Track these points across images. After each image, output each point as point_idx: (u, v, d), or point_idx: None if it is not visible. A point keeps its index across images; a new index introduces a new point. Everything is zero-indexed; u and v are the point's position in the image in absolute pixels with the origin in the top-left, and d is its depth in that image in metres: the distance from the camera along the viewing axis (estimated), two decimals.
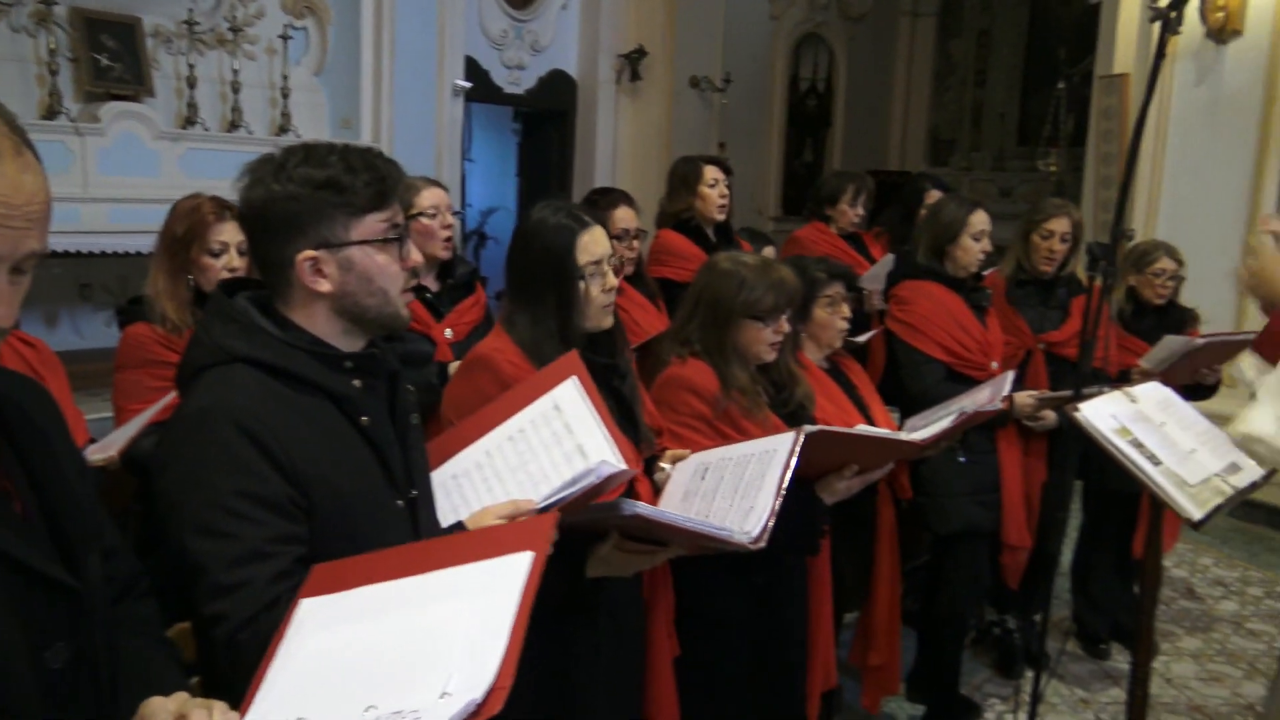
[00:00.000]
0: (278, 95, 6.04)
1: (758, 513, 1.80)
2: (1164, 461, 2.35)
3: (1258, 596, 4.53)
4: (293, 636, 1.21)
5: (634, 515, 1.60)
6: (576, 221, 1.99)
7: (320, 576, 1.28)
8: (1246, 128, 5.74)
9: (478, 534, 1.40)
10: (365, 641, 1.17)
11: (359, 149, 1.47)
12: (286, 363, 1.41)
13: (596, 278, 1.98)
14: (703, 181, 3.72)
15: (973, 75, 11.61)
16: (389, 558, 1.28)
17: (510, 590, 1.15)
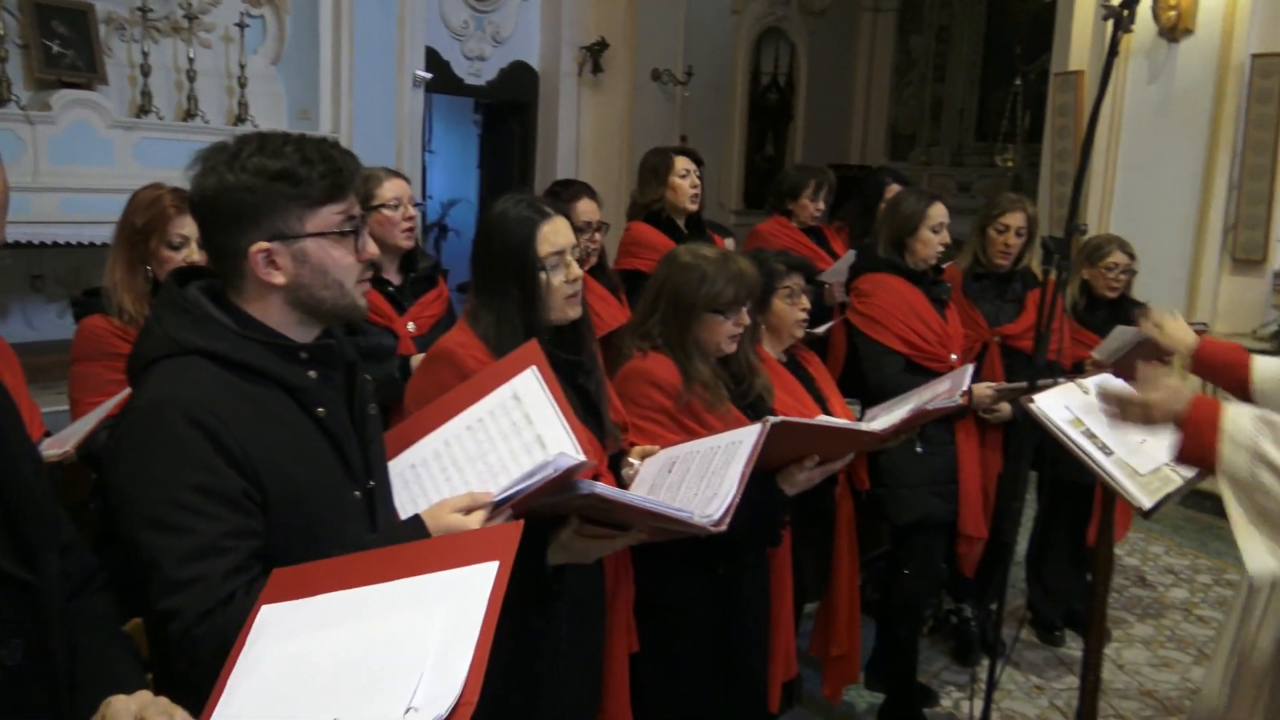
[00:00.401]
0: (234, 84, 5.95)
1: (720, 498, 1.81)
2: (1115, 452, 2.39)
3: (1207, 584, 4.64)
4: (254, 644, 1.19)
5: (591, 494, 1.60)
6: (538, 213, 1.98)
7: (281, 582, 1.26)
8: (1197, 124, 5.86)
9: (443, 541, 1.39)
10: (328, 651, 1.16)
11: (314, 139, 1.45)
12: (240, 354, 1.39)
13: (559, 269, 1.97)
14: (674, 172, 3.72)
15: (932, 71, 11.71)
16: (352, 564, 1.27)
17: (476, 601, 1.14)
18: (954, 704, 3.50)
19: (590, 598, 2.05)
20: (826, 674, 3.02)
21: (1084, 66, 6.45)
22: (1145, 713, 3.49)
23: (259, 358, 1.40)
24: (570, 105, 8.76)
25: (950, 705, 3.49)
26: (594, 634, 2.10)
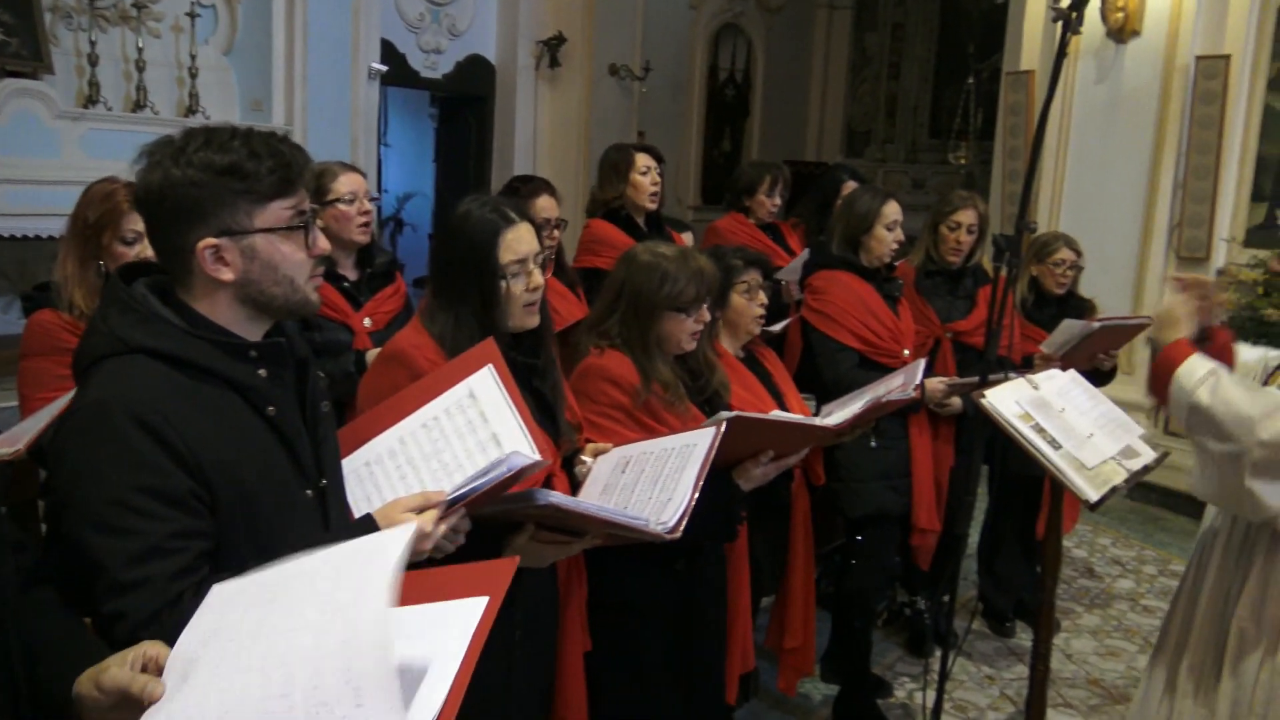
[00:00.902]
0: (185, 75, 5.85)
1: (675, 504, 1.82)
2: (1064, 446, 2.44)
3: (1152, 574, 4.74)
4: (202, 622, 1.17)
5: (548, 505, 1.60)
6: (502, 218, 1.95)
7: None
8: (1144, 124, 5.98)
9: (437, 573, 1.38)
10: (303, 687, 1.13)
11: (262, 133, 1.43)
12: (188, 353, 1.37)
13: (520, 277, 1.95)
14: (635, 169, 3.72)
15: (887, 68, 11.83)
16: None
17: (460, 636, 1.13)
18: (908, 695, 3.55)
19: (542, 599, 2.04)
20: (782, 667, 3.05)
21: (1035, 66, 6.55)
22: (1092, 700, 3.56)
23: (207, 356, 1.38)
24: (527, 100, 8.73)
25: (904, 696, 3.54)
26: (546, 635, 2.10)
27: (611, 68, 9.04)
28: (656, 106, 9.60)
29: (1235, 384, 1.95)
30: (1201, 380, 1.96)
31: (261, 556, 1.31)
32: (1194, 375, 1.97)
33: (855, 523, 3.25)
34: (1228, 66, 5.62)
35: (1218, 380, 1.95)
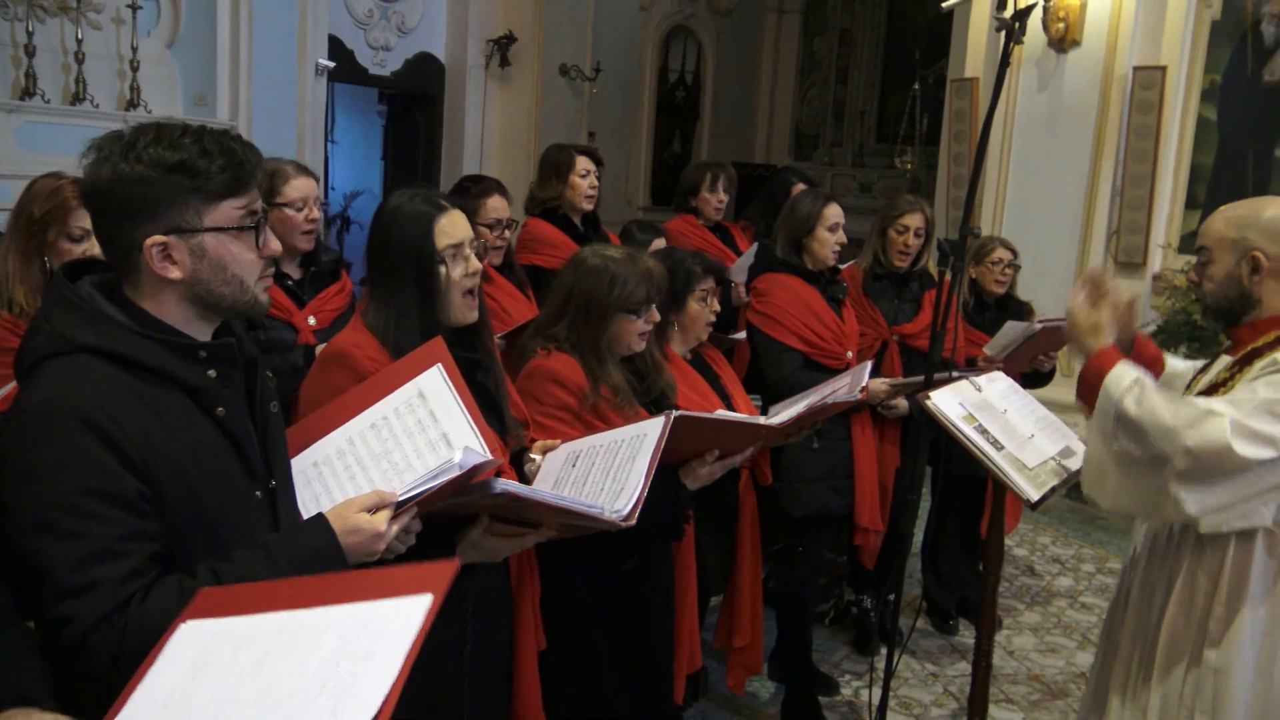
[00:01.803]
0: (126, 68, 5.73)
1: (628, 492, 1.83)
2: (1006, 446, 2.50)
3: (1090, 572, 4.86)
4: (168, 660, 1.16)
5: (504, 493, 1.60)
6: (434, 206, 1.96)
7: (208, 600, 1.23)
8: (1083, 132, 6.12)
9: (379, 572, 1.37)
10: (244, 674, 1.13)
11: (215, 131, 1.41)
12: (135, 353, 1.35)
13: (458, 261, 1.95)
14: (574, 171, 3.73)
15: (835, 73, 11.96)
16: (283, 589, 1.24)
17: (403, 635, 1.12)
18: (854, 692, 3.59)
19: (494, 597, 2.04)
20: (730, 665, 3.07)
21: (979, 73, 6.67)
22: (1033, 696, 3.64)
23: (155, 356, 1.36)
24: (477, 99, 8.68)
25: (850, 694, 3.59)
26: (499, 633, 2.10)
27: (562, 68, 9.03)
28: (607, 107, 9.61)
29: (1159, 393, 1.99)
30: (1128, 389, 1.99)
31: (211, 557, 1.31)
32: (1121, 384, 2.00)
33: (797, 523, 3.28)
34: (1164, 77, 5.78)
35: (1143, 389, 1.98)
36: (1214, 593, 2.02)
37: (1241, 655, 1.98)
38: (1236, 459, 1.87)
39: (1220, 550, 2.01)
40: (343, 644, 1.14)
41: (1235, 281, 2.06)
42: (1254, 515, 1.93)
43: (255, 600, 1.22)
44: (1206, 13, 5.78)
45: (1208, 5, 5.77)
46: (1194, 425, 1.90)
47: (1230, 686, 1.99)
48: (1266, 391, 1.92)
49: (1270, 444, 1.86)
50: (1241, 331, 2.10)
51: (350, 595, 1.21)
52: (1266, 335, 2.04)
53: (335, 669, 1.11)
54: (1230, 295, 2.08)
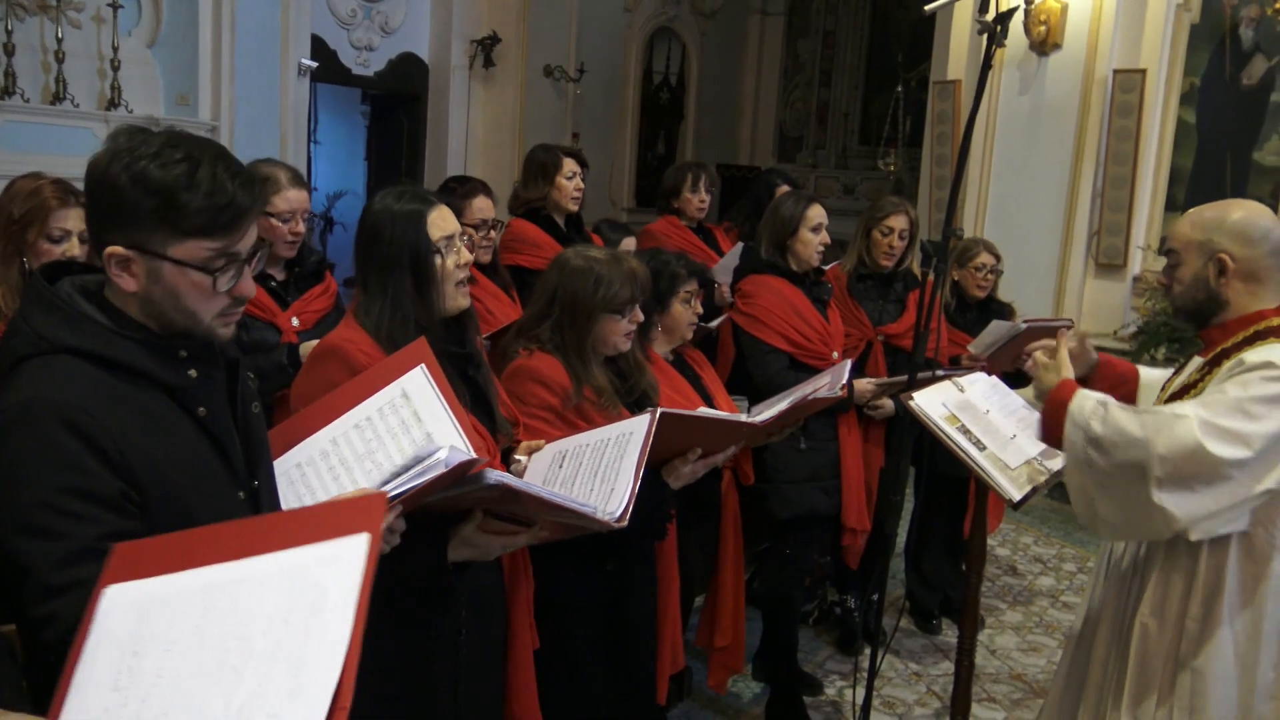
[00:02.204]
0: (107, 67, 5.69)
1: (619, 493, 1.83)
2: (988, 447, 2.51)
3: (1072, 572, 4.89)
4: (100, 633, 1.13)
5: (498, 485, 1.59)
6: (423, 201, 2.00)
7: (125, 558, 1.18)
8: (1064, 134, 6.17)
9: (305, 512, 1.35)
10: (184, 643, 1.10)
11: (221, 162, 1.35)
12: (115, 353, 1.34)
13: (450, 252, 1.98)
14: (561, 172, 3.73)
15: (818, 75, 12.00)
16: (205, 537, 1.19)
17: (348, 583, 1.09)
18: (838, 692, 3.61)
19: (488, 596, 2.04)
20: (713, 665, 3.08)
21: (961, 76, 6.71)
22: (1015, 695, 3.66)
23: (135, 357, 1.35)
24: (460, 99, 8.67)
25: (834, 693, 3.60)
26: (493, 633, 2.10)
27: (546, 69, 9.02)
28: (591, 108, 9.61)
29: (1123, 409, 2.02)
30: (1092, 412, 2.02)
31: None
32: (1084, 409, 2.04)
33: (784, 524, 3.29)
34: (1144, 80, 5.83)
35: (1106, 409, 2.02)
36: (1190, 594, 2.04)
37: (1220, 656, 2.00)
38: (1210, 458, 1.88)
39: (1194, 552, 2.03)
40: (286, 598, 1.10)
41: (1203, 283, 2.09)
42: (1240, 521, 1.96)
43: (175, 554, 1.18)
44: (1185, 17, 5.83)
45: (1186, 9, 5.82)
46: (1162, 431, 1.92)
47: (1208, 687, 2.01)
48: (1235, 390, 1.94)
49: (1242, 443, 1.89)
50: (1212, 333, 2.13)
51: (276, 542, 1.16)
52: (1235, 336, 2.06)
53: (286, 626, 1.07)
54: (1198, 297, 2.11)
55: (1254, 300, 2.06)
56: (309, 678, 1.03)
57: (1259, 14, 5.58)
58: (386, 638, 1.81)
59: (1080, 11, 6.02)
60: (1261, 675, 2.00)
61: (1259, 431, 1.89)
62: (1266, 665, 2.00)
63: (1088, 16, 5.99)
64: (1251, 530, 1.98)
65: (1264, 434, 1.88)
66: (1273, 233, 2.04)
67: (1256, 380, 1.93)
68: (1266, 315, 2.04)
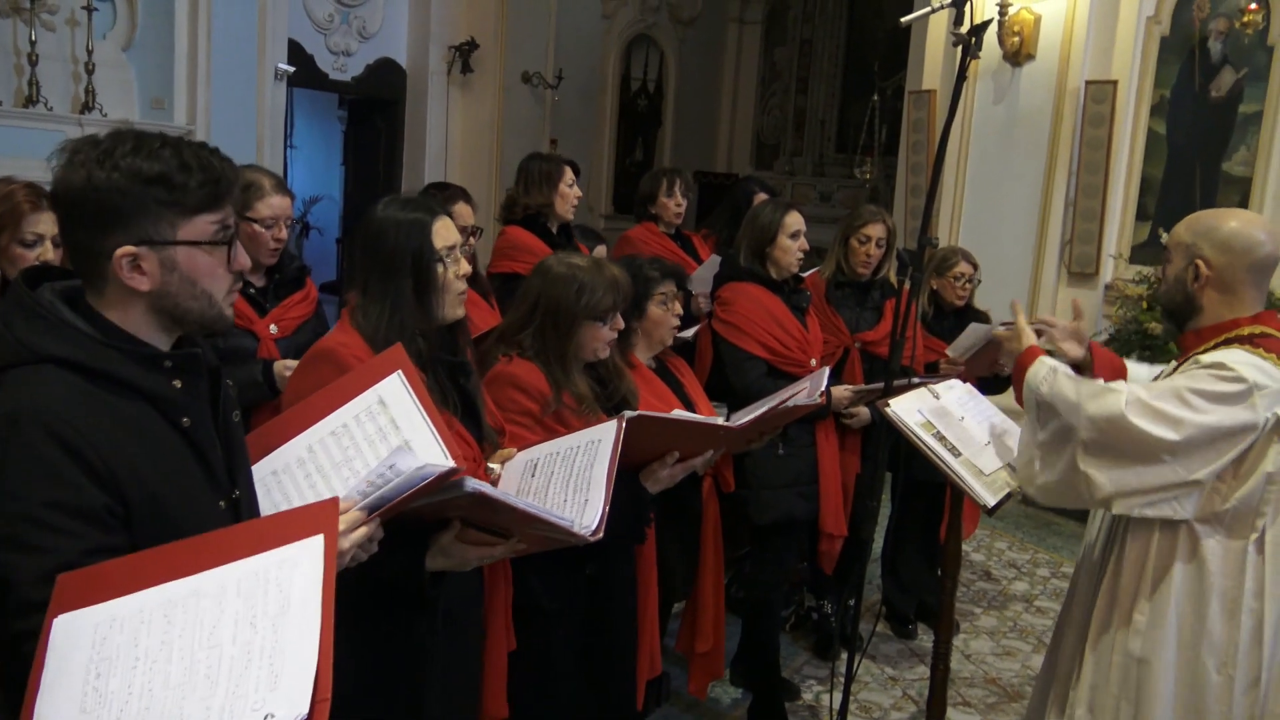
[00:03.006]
0: (81, 70, 5.66)
1: (593, 505, 1.84)
2: (963, 453, 2.54)
3: (1045, 577, 4.94)
4: (57, 666, 1.12)
5: (475, 493, 1.60)
6: (428, 211, 2.01)
7: (71, 588, 1.17)
8: (1038, 143, 6.24)
9: (258, 523, 1.35)
10: (153, 657, 1.10)
11: (193, 144, 1.40)
12: (100, 363, 1.33)
13: (451, 262, 1.99)
14: (564, 180, 3.75)
15: (795, 83, 12.08)
16: (151, 559, 1.20)
17: (309, 583, 1.10)
18: (815, 697, 3.62)
19: (466, 600, 2.04)
20: (693, 670, 3.09)
21: (936, 86, 6.78)
22: (990, 699, 3.70)
23: (120, 366, 1.34)
24: (439, 105, 8.66)
25: (811, 698, 3.62)
26: (470, 637, 2.10)
27: (524, 75, 9.03)
28: (569, 115, 9.63)
29: (1069, 378, 2.19)
30: (1044, 377, 2.20)
31: None
32: (1038, 374, 2.22)
33: (763, 529, 3.31)
34: (1115, 91, 5.91)
35: (1055, 375, 2.20)
36: (1139, 586, 2.10)
37: (1164, 646, 2.06)
38: (1131, 428, 1.99)
39: (1144, 544, 2.10)
40: (248, 604, 1.11)
41: (1181, 285, 2.14)
42: (1167, 507, 2.03)
43: (123, 578, 1.18)
44: (1155, 29, 5.92)
45: (1157, 22, 5.91)
46: (1094, 398, 2.07)
47: (1153, 676, 2.06)
48: (1179, 380, 2.04)
49: (1169, 424, 1.97)
50: (1188, 338, 2.18)
51: (231, 554, 1.17)
52: (1207, 343, 2.11)
53: (253, 630, 1.08)
54: (1176, 298, 2.16)
55: (1228, 310, 2.10)
56: (287, 670, 1.04)
57: (1227, 27, 5.68)
58: (363, 640, 1.80)
59: (1053, 23, 6.10)
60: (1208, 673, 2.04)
61: (1192, 420, 1.96)
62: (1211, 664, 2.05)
63: (1060, 28, 6.07)
64: (1194, 525, 2.04)
65: (1196, 423, 1.96)
66: (1259, 249, 2.07)
67: (1204, 375, 1.99)
68: (1240, 324, 2.09)
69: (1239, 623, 2.03)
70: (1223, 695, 2.04)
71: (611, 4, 10.31)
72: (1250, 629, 2.03)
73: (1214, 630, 2.03)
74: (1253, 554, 2.03)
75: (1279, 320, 2.13)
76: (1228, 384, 1.97)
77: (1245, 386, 1.96)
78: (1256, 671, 2.04)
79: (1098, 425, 2.04)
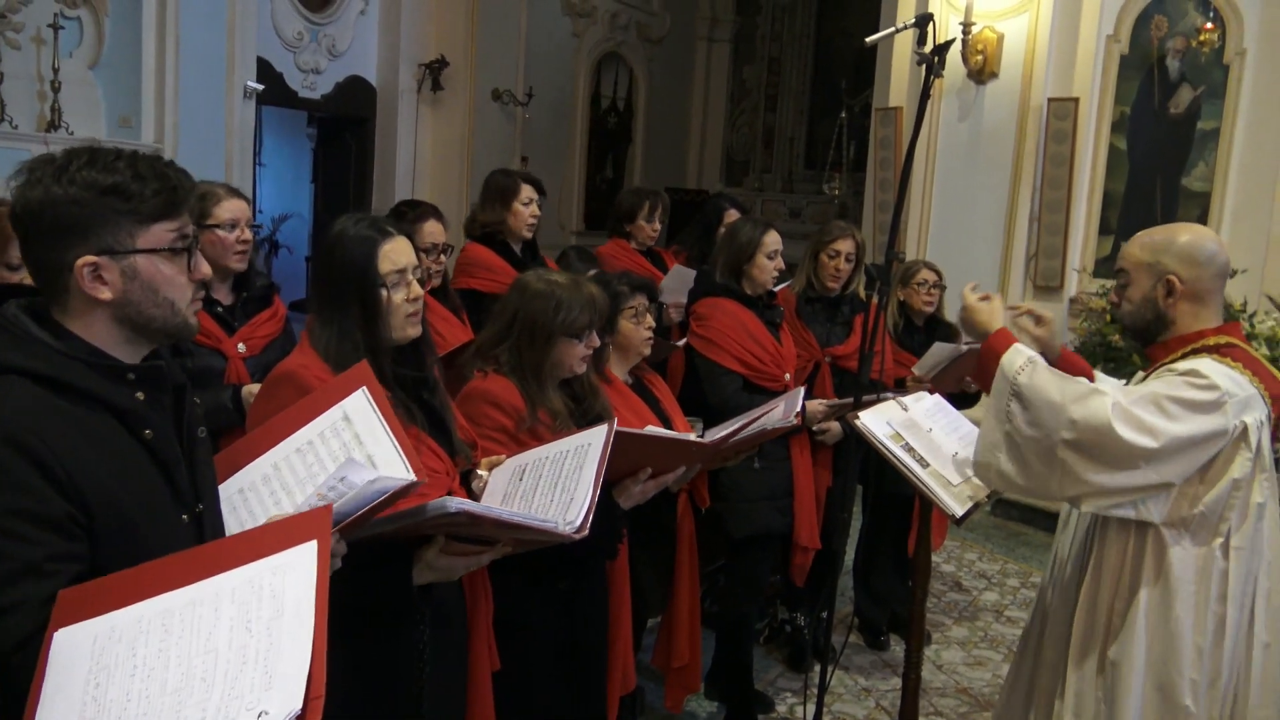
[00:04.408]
0: (47, 89, 5.61)
1: (578, 503, 1.84)
2: (931, 464, 2.58)
3: (1015, 587, 4.99)
4: (57, 676, 1.14)
5: (460, 513, 1.60)
6: (379, 231, 1.98)
7: (72, 603, 1.20)
8: (1002, 159, 6.34)
9: (251, 533, 1.37)
10: (149, 669, 1.12)
11: (147, 156, 1.43)
12: (63, 374, 1.34)
13: (400, 287, 1.96)
14: (518, 198, 3.73)
15: (764, 100, 12.20)
16: (154, 571, 1.22)
17: (303, 585, 1.12)
18: (789, 709, 3.64)
19: (450, 613, 2.04)
20: (669, 685, 3.09)
21: (903, 103, 6.87)
22: (961, 709, 3.72)
23: (83, 378, 1.36)
24: (409, 123, 8.66)
25: (785, 710, 3.63)
26: (455, 650, 2.10)
27: (494, 92, 9.05)
28: (540, 132, 9.66)
29: (1050, 371, 2.16)
30: (1021, 368, 2.16)
31: None
32: (1015, 362, 2.17)
33: (738, 543, 3.32)
34: (1077, 108, 6.02)
35: (1035, 366, 2.16)
36: (1115, 589, 2.13)
37: (1135, 649, 2.10)
38: (1118, 441, 1.99)
39: (1120, 551, 2.13)
40: (243, 609, 1.13)
41: (1151, 304, 2.18)
42: (1131, 509, 2.07)
43: (121, 591, 1.20)
44: (1115, 47, 6.04)
45: (1116, 40, 6.03)
46: (1080, 401, 2.05)
47: (1124, 678, 2.10)
48: (1157, 386, 2.06)
49: (1150, 434, 1.99)
50: (1155, 350, 2.22)
51: (225, 564, 1.20)
52: (1175, 353, 2.16)
53: (248, 634, 1.10)
54: (1146, 316, 2.20)
55: (1196, 320, 2.16)
56: (280, 670, 1.06)
57: (1184, 46, 5.81)
58: (350, 657, 1.80)
59: (1015, 42, 6.21)
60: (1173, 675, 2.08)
61: (1168, 430, 1.99)
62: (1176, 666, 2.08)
63: (1023, 47, 6.18)
64: (1163, 530, 2.08)
65: (1172, 433, 1.99)
66: (1218, 256, 2.15)
67: (1180, 383, 2.04)
68: (1206, 334, 2.14)
69: (1204, 626, 2.07)
70: (1188, 696, 2.07)
71: (581, 22, 10.37)
72: (1213, 631, 2.08)
73: (1179, 633, 2.07)
74: (1218, 559, 2.07)
75: (1242, 331, 2.19)
76: (1203, 392, 2.02)
77: (1218, 395, 2.01)
78: (1216, 672, 2.09)
79: (1079, 429, 2.03)
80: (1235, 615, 2.08)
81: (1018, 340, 2.25)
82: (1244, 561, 2.08)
